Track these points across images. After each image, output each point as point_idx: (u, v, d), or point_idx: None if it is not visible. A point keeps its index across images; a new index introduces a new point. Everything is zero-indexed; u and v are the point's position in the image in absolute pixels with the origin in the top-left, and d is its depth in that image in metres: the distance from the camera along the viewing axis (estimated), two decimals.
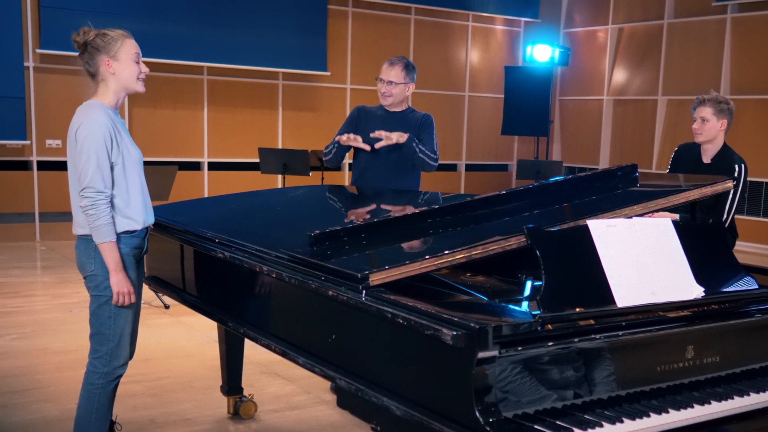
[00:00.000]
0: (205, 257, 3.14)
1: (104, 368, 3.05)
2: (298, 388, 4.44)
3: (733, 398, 2.25)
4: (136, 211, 3.04)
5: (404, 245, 2.70)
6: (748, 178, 4.28)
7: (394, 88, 4.23)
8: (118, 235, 2.98)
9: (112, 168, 2.96)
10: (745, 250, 9.27)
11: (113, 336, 3.04)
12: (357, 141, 4.17)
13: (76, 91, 3.40)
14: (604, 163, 11.81)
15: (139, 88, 3.12)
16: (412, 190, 4.26)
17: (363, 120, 4.33)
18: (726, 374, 2.35)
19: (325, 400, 4.25)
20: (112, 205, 2.96)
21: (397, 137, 4.10)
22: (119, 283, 2.95)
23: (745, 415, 2.26)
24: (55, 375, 4.45)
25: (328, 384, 4.32)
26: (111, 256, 2.94)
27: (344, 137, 4.18)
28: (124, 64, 3.03)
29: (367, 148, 4.15)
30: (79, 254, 3.05)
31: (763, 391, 2.32)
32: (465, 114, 11.98)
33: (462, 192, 11.74)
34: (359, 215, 3.74)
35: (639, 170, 3.35)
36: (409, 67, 4.27)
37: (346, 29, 10.75)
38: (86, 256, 3.03)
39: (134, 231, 3.04)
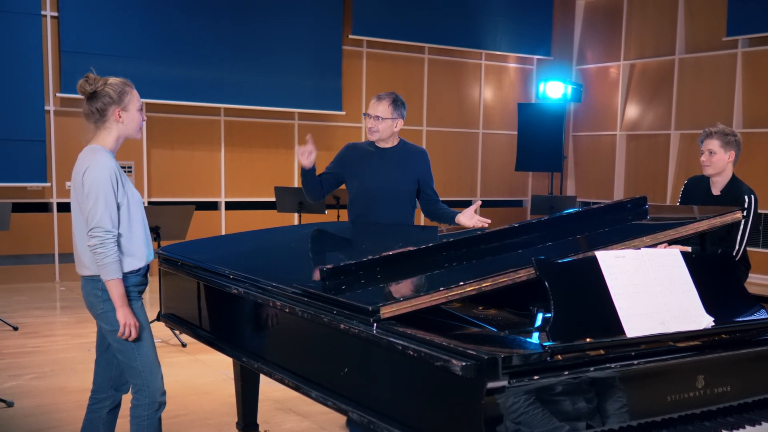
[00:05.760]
0: (219, 293, 3.19)
1: (146, 399, 3.17)
2: (313, 424, 4.44)
3: (744, 428, 2.25)
4: (139, 249, 3.17)
5: (415, 279, 2.73)
6: (764, 211, 4.29)
7: (381, 124, 4.13)
8: (124, 275, 3.11)
9: (118, 208, 3.08)
10: (759, 282, 9.20)
11: (143, 365, 3.17)
12: (310, 146, 4.07)
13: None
14: (618, 198, 11.79)
15: (139, 136, 3.29)
16: (421, 226, 4.28)
17: (352, 158, 4.25)
18: (738, 404, 2.35)
19: None
20: (118, 245, 3.08)
21: (482, 222, 3.99)
22: (125, 316, 3.07)
23: None
24: (74, 414, 4.48)
25: (343, 420, 4.32)
26: (117, 292, 3.06)
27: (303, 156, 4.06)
28: (131, 115, 3.18)
29: (307, 164, 4.09)
30: (87, 294, 3.18)
31: None
32: (479, 151, 12.05)
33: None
34: (371, 250, 3.77)
35: (649, 203, 3.38)
36: (397, 103, 4.17)
37: (360, 69, 10.90)
38: (93, 296, 3.16)
39: (138, 269, 3.17)
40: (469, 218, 4.01)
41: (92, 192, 3.02)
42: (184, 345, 6.11)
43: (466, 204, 11.96)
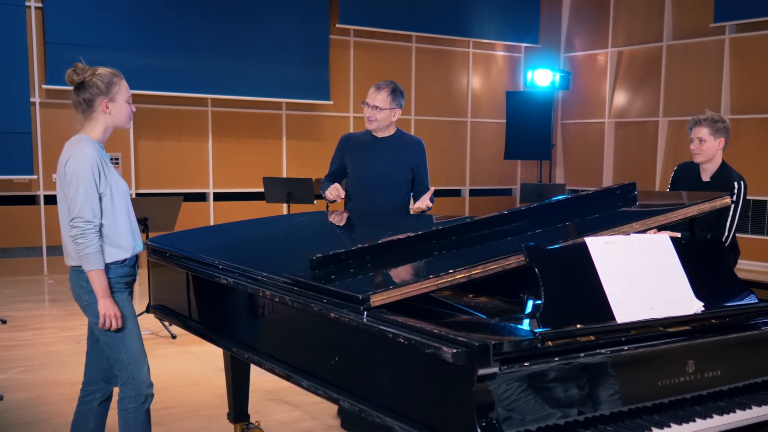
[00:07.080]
0: (209, 284, 3.17)
1: (132, 391, 3.16)
2: (304, 414, 4.44)
3: (735, 412, 2.26)
4: (125, 239, 3.14)
5: (405, 267, 2.73)
6: (752, 197, 4.29)
7: (379, 113, 4.16)
8: (108, 265, 3.08)
9: (100, 198, 3.06)
10: (748, 268, 9.25)
11: (129, 358, 3.15)
12: (340, 193, 4.22)
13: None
14: (606, 185, 11.80)
15: (128, 126, 3.26)
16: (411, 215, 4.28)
17: (350, 148, 4.30)
18: (728, 388, 2.36)
19: (332, 425, 4.25)
20: (102, 234, 3.06)
21: (426, 205, 4.12)
22: (105, 307, 3.06)
23: (748, 428, 2.26)
24: (62, 406, 4.46)
25: (334, 409, 4.32)
26: (99, 283, 3.04)
27: (331, 195, 4.21)
28: (119, 106, 3.16)
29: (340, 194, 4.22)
30: (73, 285, 3.18)
31: (766, 404, 2.33)
32: (468, 139, 12.05)
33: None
34: (361, 239, 3.77)
35: (638, 189, 3.37)
36: (395, 92, 4.19)
37: (348, 59, 10.86)
38: (79, 287, 3.15)
39: (124, 260, 3.14)
40: (420, 202, 4.14)
41: (73, 182, 3.01)
42: (174, 336, 6.09)
43: (456, 193, 11.99)
